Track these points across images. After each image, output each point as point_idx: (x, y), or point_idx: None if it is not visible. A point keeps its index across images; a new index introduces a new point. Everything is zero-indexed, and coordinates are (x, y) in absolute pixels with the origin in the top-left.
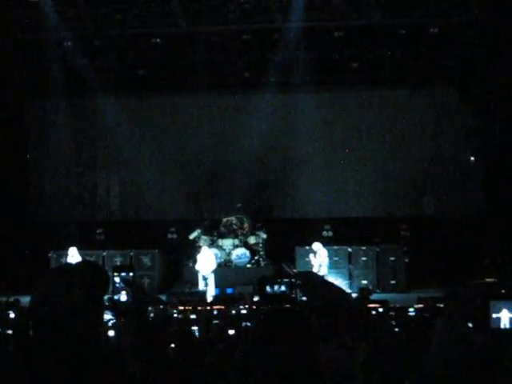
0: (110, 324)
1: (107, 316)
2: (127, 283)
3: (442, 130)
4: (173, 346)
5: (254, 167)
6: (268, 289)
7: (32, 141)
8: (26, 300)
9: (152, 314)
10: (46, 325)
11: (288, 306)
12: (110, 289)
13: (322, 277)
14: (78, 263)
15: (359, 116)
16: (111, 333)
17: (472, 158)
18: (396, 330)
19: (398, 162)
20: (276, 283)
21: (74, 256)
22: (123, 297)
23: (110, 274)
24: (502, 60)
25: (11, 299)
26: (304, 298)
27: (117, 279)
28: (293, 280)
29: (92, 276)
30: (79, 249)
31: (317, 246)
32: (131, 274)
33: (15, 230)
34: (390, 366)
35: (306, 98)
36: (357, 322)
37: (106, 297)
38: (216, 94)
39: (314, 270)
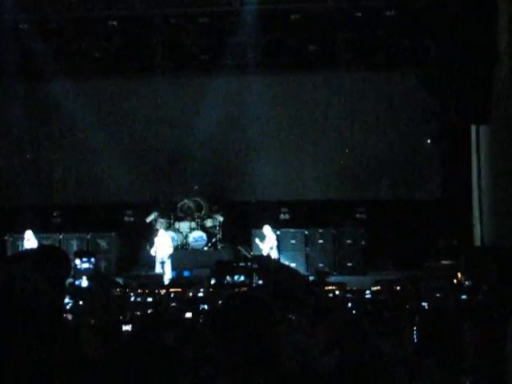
0: (67, 307)
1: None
2: (92, 273)
3: (399, 113)
4: (129, 327)
5: (212, 150)
6: (228, 278)
7: None
8: None
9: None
10: (9, 310)
11: (245, 289)
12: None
13: (278, 260)
14: (39, 247)
15: (316, 99)
16: (69, 316)
17: (429, 141)
18: (353, 312)
19: (356, 145)
20: (235, 272)
21: (29, 240)
22: (84, 282)
23: (71, 258)
24: (459, 43)
25: None
26: (260, 282)
27: (77, 263)
28: (249, 264)
29: (54, 260)
30: (35, 232)
31: (266, 229)
32: (92, 259)
33: None
34: (349, 347)
35: (263, 81)
36: (312, 304)
37: (67, 281)
38: (173, 78)
39: (264, 253)
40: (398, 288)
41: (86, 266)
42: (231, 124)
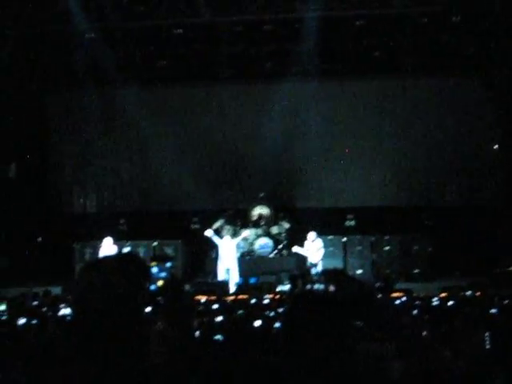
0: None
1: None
2: (167, 278)
3: (465, 118)
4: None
5: (276, 157)
6: (308, 287)
7: (54, 132)
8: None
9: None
10: (89, 316)
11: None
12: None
13: (349, 275)
14: (117, 254)
15: (382, 105)
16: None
17: (496, 147)
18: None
19: (422, 151)
20: (314, 282)
21: (108, 247)
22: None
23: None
24: None
25: (39, 291)
26: (332, 289)
27: (154, 269)
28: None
29: (133, 266)
30: (101, 239)
31: (312, 235)
32: (169, 264)
33: (37, 222)
34: (415, 356)
35: (326, 88)
36: (382, 314)
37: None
38: (237, 84)
39: (309, 259)
40: (467, 294)
41: (162, 272)
42: (295, 130)
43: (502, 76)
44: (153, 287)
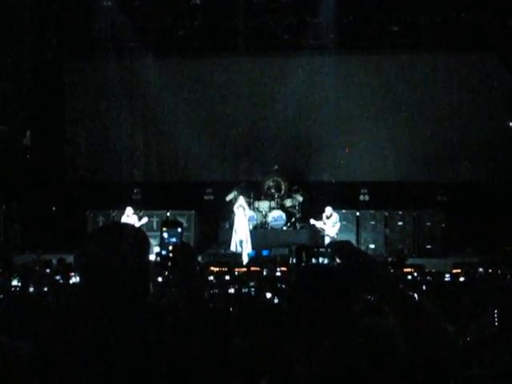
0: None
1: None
2: (178, 244)
3: (481, 95)
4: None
5: (292, 130)
6: (313, 261)
7: (70, 101)
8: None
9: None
10: (95, 281)
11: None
12: (158, 243)
13: (359, 247)
14: (122, 223)
15: (398, 80)
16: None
17: (511, 124)
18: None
19: (437, 127)
20: (317, 256)
21: (129, 216)
22: (170, 253)
23: (159, 228)
24: None
25: (52, 258)
26: (338, 261)
27: (165, 234)
28: (329, 249)
29: (135, 236)
30: (116, 209)
31: (328, 210)
32: (179, 229)
33: (52, 190)
34: (418, 332)
35: (345, 62)
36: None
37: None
38: (254, 57)
39: (327, 232)
40: (479, 271)
41: (172, 237)
42: (311, 104)
43: None
44: (164, 252)
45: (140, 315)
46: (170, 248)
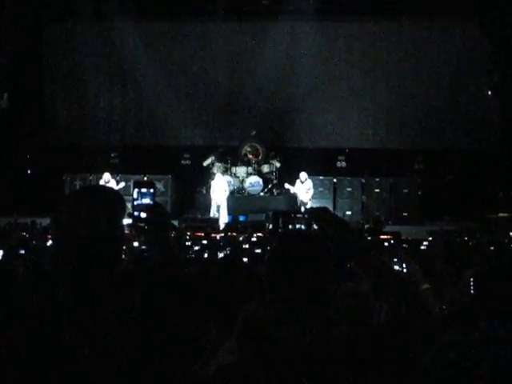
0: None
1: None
2: (152, 206)
3: (460, 63)
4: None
5: (270, 95)
6: (289, 226)
7: (48, 64)
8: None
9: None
10: (69, 244)
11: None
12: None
13: (336, 214)
14: (92, 187)
15: (376, 47)
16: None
17: (489, 93)
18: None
19: (415, 95)
20: (293, 222)
21: (108, 182)
22: (143, 214)
23: (131, 188)
24: None
25: (27, 221)
26: (315, 227)
27: (136, 195)
28: (306, 214)
29: (111, 200)
30: (93, 173)
31: (303, 175)
32: (152, 190)
33: (30, 154)
34: (394, 301)
35: (323, 28)
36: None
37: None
38: (233, 22)
39: (300, 198)
40: (456, 238)
41: (145, 198)
42: (289, 70)
43: (498, 19)
44: (136, 213)
45: (111, 282)
46: (142, 209)
